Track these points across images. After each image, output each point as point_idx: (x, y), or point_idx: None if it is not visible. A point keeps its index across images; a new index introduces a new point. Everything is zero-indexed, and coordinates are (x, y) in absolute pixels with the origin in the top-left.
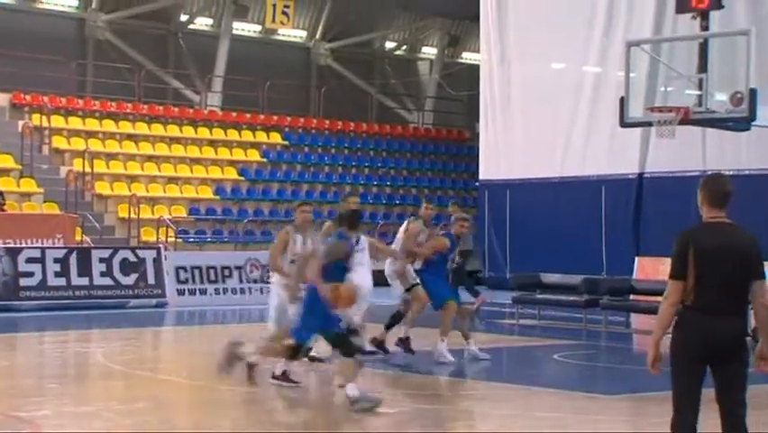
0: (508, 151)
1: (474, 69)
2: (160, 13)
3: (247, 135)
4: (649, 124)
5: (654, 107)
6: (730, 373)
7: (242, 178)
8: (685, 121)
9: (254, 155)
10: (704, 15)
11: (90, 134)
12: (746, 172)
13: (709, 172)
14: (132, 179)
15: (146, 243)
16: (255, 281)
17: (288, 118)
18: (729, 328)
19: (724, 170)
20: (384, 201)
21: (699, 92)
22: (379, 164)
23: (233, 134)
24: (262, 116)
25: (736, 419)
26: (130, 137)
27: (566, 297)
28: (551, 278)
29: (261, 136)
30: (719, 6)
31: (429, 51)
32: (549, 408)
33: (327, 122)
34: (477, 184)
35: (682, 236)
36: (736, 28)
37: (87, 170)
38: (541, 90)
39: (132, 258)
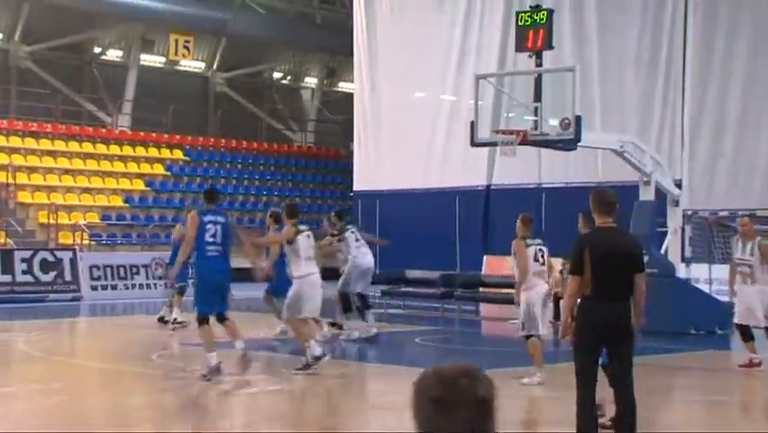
0: (378, 166)
1: (349, 96)
2: (76, 46)
3: (153, 152)
4: (495, 144)
5: (499, 130)
6: (622, 348)
7: (149, 188)
8: (524, 142)
9: (159, 169)
10: (538, 54)
11: (14, 150)
12: (573, 185)
13: (546, 185)
14: (52, 189)
15: (63, 245)
16: (160, 278)
17: (189, 137)
18: (620, 311)
19: (555, 183)
20: (273, 208)
21: (535, 118)
22: (268, 177)
23: (140, 151)
24: (166, 135)
25: (626, 387)
26: (49, 153)
27: (426, 289)
28: (413, 274)
29: (165, 153)
30: (551, 47)
31: (311, 81)
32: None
33: (223, 140)
34: (351, 195)
35: (579, 240)
36: (564, 65)
37: (11, 181)
38: (406, 114)
39: (50, 258)
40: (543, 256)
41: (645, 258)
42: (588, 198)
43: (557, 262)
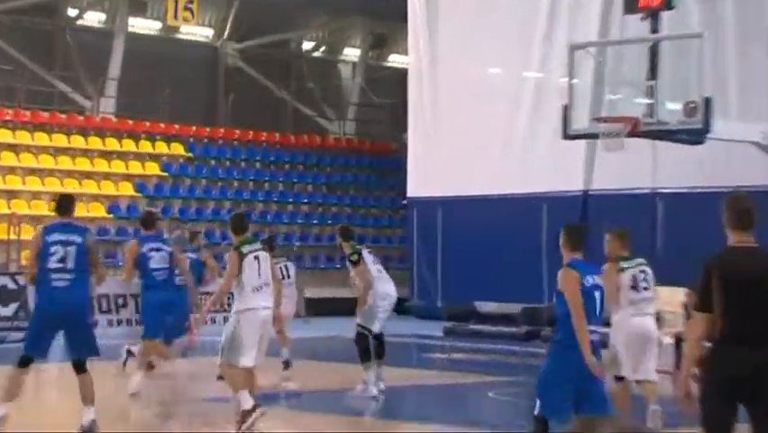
0: (440, 164)
1: (401, 74)
2: (44, 7)
3: (145, 146)
4: (595, 135)
5: (601, 118)
6: (763, 410)
7: (140, 194)
8: (634, 132)
9: (153, 168)
10: (654, 17)
11: None
12: (699, 190)
13: (663, 190)
14: (13, 194)
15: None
16: None
17: (193, 127)
18: (764, 361)
19: (676, 188)
20: (300, 221)
21: (649, 101)
22: (295, 179)
23: (128, 145)
24: (162, 125)
25: None
26: (10, 147)
27: (503, 328)
28: (486, 307)
29: (162, 147)
30: (670, 7)
31: (351, 53)
32: None
33: (237, 131)
34: (404, 202)
35: (706, 264)
36: (688, 30)
37: None
38: (476, 97)
39: (11, 285)
40: (645, 280)
41: None
42: (718, 206)
43: (678, 293)
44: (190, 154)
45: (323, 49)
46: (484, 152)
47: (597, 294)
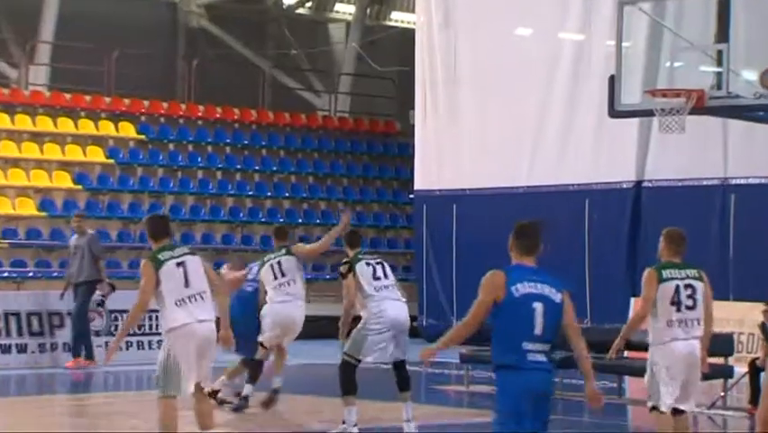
0: (455, 150)
1: (407, 36)
2: None
3: (86, 127)
4: (650, 113)
5: (657, 90)
6: None
7: (80, 187)
8: (699, 109)
9: (97, 155)
10: None
11: None
12: None
13: (736, 180)
14: None
15: None
16: (98, 334)
17: (146, 103)
18: None
19: (752, 179)
20: (282, 219)
21: (717, 69)
22: (275, 168)
23: (65, 125)
24: (108, 100)
25: None
26: None
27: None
28: None
29: (107, 128)
30: None
31: (344, 10)
32: None
33: (201, 108)
34: (411, 196)
35: None
36: None
37: None
38: (501, 66)
39: None
40: (692, 297)
41: None
42: None
43: (754, 310)
44: (143, 137)
45: (309, 5)
46: (511, 135)
47: (537, 306)
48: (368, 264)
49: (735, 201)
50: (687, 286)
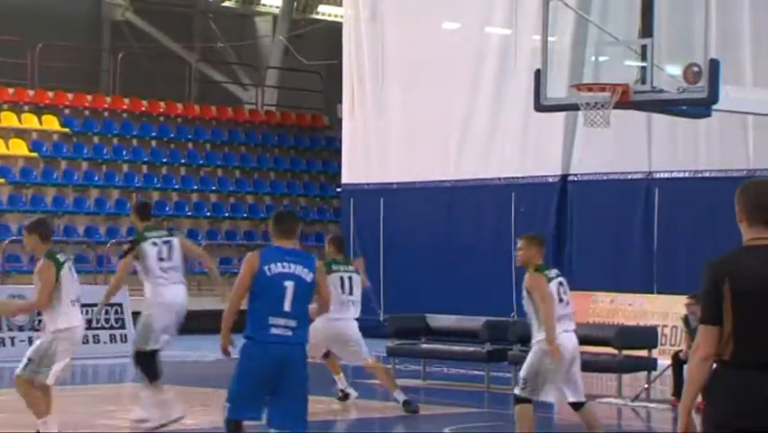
0: (382, 144)
1: (335, 30)
2: None
3: (9, 120)
4: (575, 107)
5: (582, 84)
6: None
7: (2, 180)
8: (623, 103)
9: (19, 148)
10: None
11: None
12: (706, 174)
13: (660, 175)
14: None
15: None
16: (21, 328)
17: (70, 96)
18: None
19: (676, 173)
20: (208, 213)
21: (641, 63)
22: (202, 161)
23: None
24: (32, 93)
25: None
26: None
27: (463, 347)
28: (441, 321)
29: (30, 121)
30: None
31: (271, 3)
32: None
33: (126, 101)
34: (338, 190)
35: (714, 266)
36: None
37: None
38: (428, 60)
39: None
40: (565, 293)
41: None
42: (730, 195)
43: (677, 303)
44: (67, 130)
45: None
46: (438, 129)
47: (287, 283)
48: (154, 244)
49: (659, 195)
50: (560, 284)
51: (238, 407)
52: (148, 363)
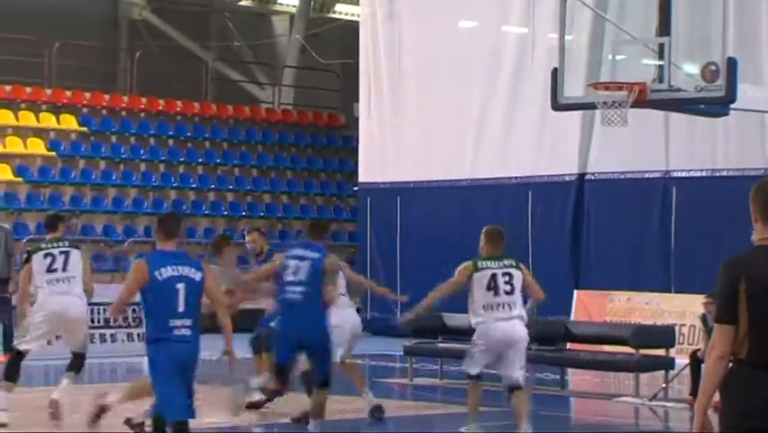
0: (399, 143)
1: (351, 29)
2: None
3: (27, 119)
4: (592, 106)
5: (599, 83)
6: None
7: (21, 179)
8: (641, 102)
9: (38, 147)
10: None
11: None
12: (723, 173)
13: (678, 173)
14: None
15: None
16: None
17: (88, 95)
18: None
19: (694, 172)
20: (225, 212)
21: (659, 62)
22: (219, 160)
23: (6, 117)
24: (49, 92)
25: None
26: None
27: None
28: (458, 320)
29: (48, 120)
30: None
31: (288, 2)
32: None
33: (143, 100)
34: (355, 189)
35: (730, 266)
36: None
37: None
38: (445, 58)
39: None
40: (510, 282)
41: None
42: (748, 194)
43: (694, 302)
44: (85, 129)
45: None
46: (454, 128)
47: (179, 286)
48: (47, 255)
49: (676, 194)
50: (504, 274)
51: (171, 407)
52: (13, 364)
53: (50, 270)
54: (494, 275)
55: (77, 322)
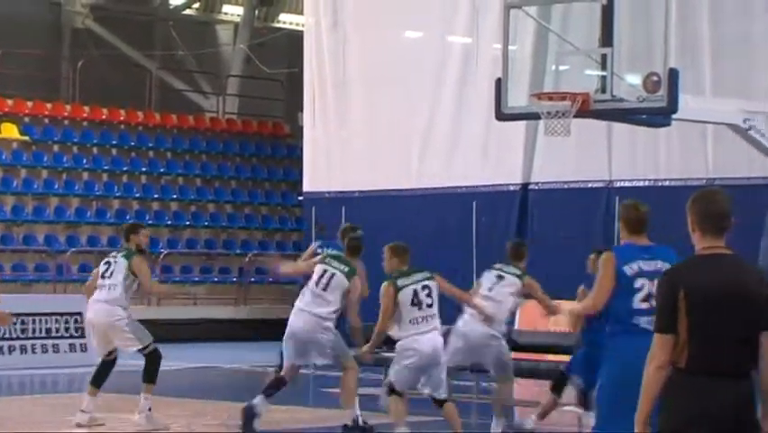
0: (344, 152)
1: (296, 38)
2: None
3: None
4: (536, 116)
5: (543, 93)
6: None
7: None
8: (584, 112)
9: None
10: None
11: None
12: (665, 183)
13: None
14: None
15: None
16: None
17: (29, 103)
18: (736, 395)
19: (637, 181)
20: (169, 222)
21: (602, 73)
22: (162, 169)
23: None
24: None
25: None
26: None
27: None
28: None
29: None
30: None
31: (233, 11)
32: None
33: (86, 109)
34: (300, 199)
35: (669, 275)
36: None
37: None
38: (390, 68)
39: None
40: (430, 295)
41: None
42: (687, 203)
43: None
44: (26, 138)
45: (196, 6)
46: (399, 137)
47: None
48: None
49: (619, 203)
50: (424, 288)
51: None
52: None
53: None
54: (415, 291)
55: None
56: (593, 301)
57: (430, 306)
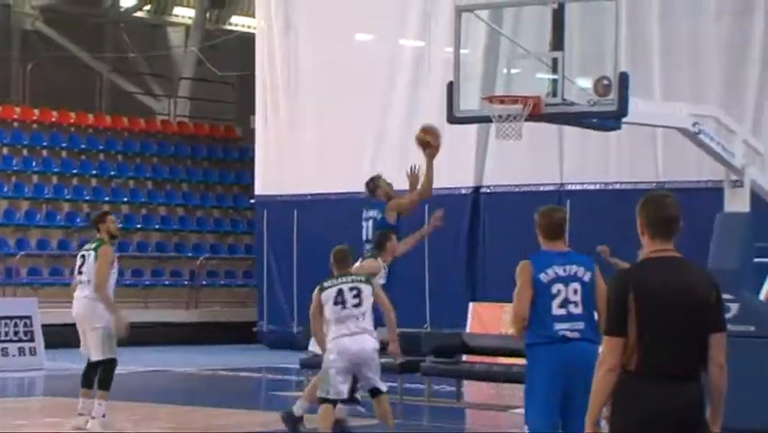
0: (296, 155)
1: (248, 41)
2: None
3: None
4: (488, 119)
5: (494, 97)
6: None
7: None
8: (535, 115)
9: None
10: None
11: None
12: (616, 186)
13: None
14: None
15: None
16: None
17: None
18: (686, 396)
19: (587, 184)
20: (120, 225)
21: (553, 76)
22: (113, 172)
23: None
24: None
25: None
26: None
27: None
28: (480, 340)
29: None
30: None
31: (184, 14)
32: None
33: (36, 111)
34: (252, 201)
35: (619, 278)
36: None
37: None
38: (342, 71)
39: None
40: (358, 296)
41: (730, 307)
42: (636, 206)
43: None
44: None
45: (147, 8)
46: (352, 140)
47: None
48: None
49: (570, 206)
50: (351, 289)
51: None
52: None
53: None
54: (341, 290)
55: None
56: (515, 311)
57: (357, 306)
